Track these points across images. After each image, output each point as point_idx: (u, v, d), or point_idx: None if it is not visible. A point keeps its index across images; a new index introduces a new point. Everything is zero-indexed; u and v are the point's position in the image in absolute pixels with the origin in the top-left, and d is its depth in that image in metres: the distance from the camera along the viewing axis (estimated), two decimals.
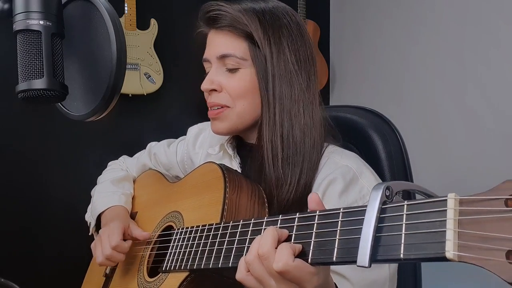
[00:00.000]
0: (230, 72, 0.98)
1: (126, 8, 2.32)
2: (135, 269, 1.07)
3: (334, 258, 0.60)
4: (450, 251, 0.48)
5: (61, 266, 2.09)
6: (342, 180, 0.90)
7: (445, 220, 0.49)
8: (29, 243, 2.13)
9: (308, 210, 0.67)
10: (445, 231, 0.48)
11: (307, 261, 0.63)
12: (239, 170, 1.05)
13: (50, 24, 0.67)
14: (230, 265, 0.75)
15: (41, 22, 0.66)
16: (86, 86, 0.73)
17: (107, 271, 1.17)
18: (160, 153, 1.28)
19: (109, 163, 1.39)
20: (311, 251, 0.63)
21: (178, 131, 1.29)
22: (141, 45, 2.35)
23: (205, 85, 1.00)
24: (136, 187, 1.30)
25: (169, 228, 1.03)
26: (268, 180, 0.93)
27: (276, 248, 0.64)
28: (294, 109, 0.95)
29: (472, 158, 2.14)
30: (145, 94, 2.34)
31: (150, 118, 2.44)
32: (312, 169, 0.93)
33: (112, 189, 1.24)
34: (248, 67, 0.97)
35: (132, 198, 1.27)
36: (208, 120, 1.06)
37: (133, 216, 1.22)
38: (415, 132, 2.33)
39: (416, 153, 1.84)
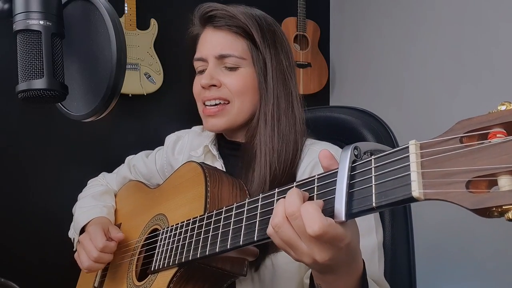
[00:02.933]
0: (229, 70, 1.01)
1: (126, 8, 2.32)
2: (124, 276, 1.06)
3: None
4: (416, 190, 0.51)
5: (61, 266, 2.09)
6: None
7: (408, 164, 0.52)
8: (29, 243, 2.13)
9: (322, 167, 0.66)
10: (409, 174, 0.52)
11: None
12: (224, 169, 1.06)
13: (50, 24, 0.67)
14: (217, 250, 0.76)
15: (41, 22, 0.66)
16: (86, 86, 0.73)
17: (96, 284, 1.15)
18: (139, 164, 1.29)
19: (89, 181, 1.38)
20: None
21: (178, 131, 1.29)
22: (141, 45, 2.35)
23: (205, 80, 1.00)
24: (117, 200, 1.29)
25: (155, 231, 1.03)
26: (261, 171, 0.96)
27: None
28: (288, 108, 1.01)
29: None
30: (145, 94, 2.34)
31: (150, 118, 2.44)
32: (295, 159, 0.99)
33: (93, 203, 1.23)
34: (247, 66, 1.01)
35: (115, 211, 1.26)
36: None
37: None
38: (415, 132, 2.33)
39: None
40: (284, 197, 0.64)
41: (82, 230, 1.20)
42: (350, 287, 0.69)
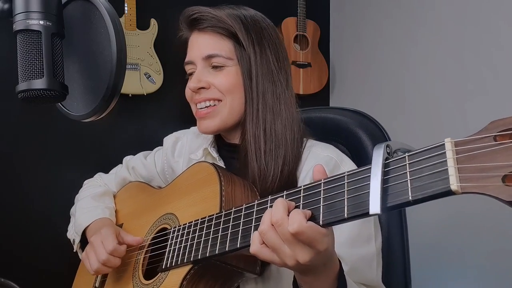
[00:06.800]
0: (215, 70, 1.02)
1: (126, 8, 2.32)
2: (129, 276, 1.05)
3: (346, 215, 0.64)
4: (454, 184, 0.54)
5: (61, 266, 2.09)
6: (326, 168, 0.97)
7: (445, 160, 0.55)
8: (29, 243, 2.13)
9: (313, 180, 0.71)
10: (447, 169, 0.55)
11: (318, 224, 0.67)
12: None
13: (50, 24, 0.66)
14: (238, 245, 0.78)
15: (41, 22, 0.66)
16: (86, 86, 0.73)
17: (97, 284, 1.14)
18: (139, 166, 1.28)
19: (85, 182, 1.37)
20: (321, 214, 0.67)
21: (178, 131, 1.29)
22: (141, 45, 2.35)
23: (193, 84, 1.03)
24: (117, 201, 1.28)
25: (163, 230, 1.03)
26: (252, 172, 0.97)
27: (288, 215, 0.68)
28: (276, 105, 1.00)
29: None
30: (145, 94, 2.34)
31: (150, 118, 2.44)
32: (294, 160, 0.98)
33: (94, 204, 1.22)
34: (233, 66, 1.01)
35: (115, 212, 1.25)
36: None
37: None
38: (416, 132, 2.33)
39: None
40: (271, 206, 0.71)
41: (84, 232, 1.19)
42: (328, 285, 0.75)
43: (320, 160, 0.98)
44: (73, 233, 1.23)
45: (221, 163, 1.08)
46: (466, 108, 2.14)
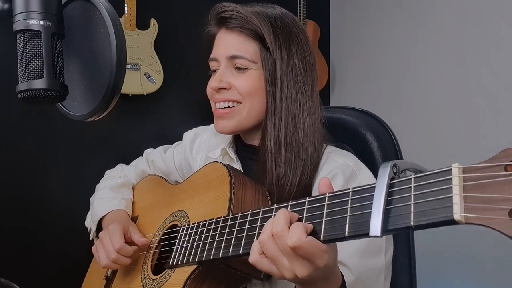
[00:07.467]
0: (238, 72, 1.00)
1: (126, 8, 2.32)
2: (139, 269, 1.07)
3: (346, 233, 0.62)
4: (457, 213, 0.51)
5: (61, 266, 2.09)
6: (342, 176, 0.94)
7: (451, 187, 0.52)
8: (30, 243, 2.13)
9: (318, 194, 0.69)
10: (451, 196, 0.52)
11: (319, 239, 0.65)
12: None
13: (50, 24, 0.66)
14: (241, 252, 0.77)
15: (41, 22, 0.66)
16: (86, 86, 0.73)
17: (108, 274, 1.16)
18: (158, 160, 1.29)
19: (106, 172, 1.39)
20: (322, 229, 0.66)
21: (178, 131, 1.29)
22: (141, 45, 2.35)
23: (214, 83, 1.01)
24: (135, 193, 1.30)
25: (174, 227, 1.04)
26: (269, 179, 0.96)
27: (289, 227, 0.66)
28: (299, 113, 0.98)
29: (473, 157, 2.13)
30: (145, 94, 2.34)
31: (150, 118, 2.44)
32: (312, 169, 0.96)
33: (111, 194, 1.25)
34: (257, 69, 0.99)
35: (132, 204, 1.27)
36: (208, 121, 1.07)
37: (134, 220, 1.22)
38: (416, 132, 2.33)
39: (416, 153, 1.83)
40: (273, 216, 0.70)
41: (100, 221, 1.21)
42: None
43: (337, 167, 0.96)
44: (90, 222, 1.26)
45: (238, 164, 1.08)
46: (466, 108, 2.14)
